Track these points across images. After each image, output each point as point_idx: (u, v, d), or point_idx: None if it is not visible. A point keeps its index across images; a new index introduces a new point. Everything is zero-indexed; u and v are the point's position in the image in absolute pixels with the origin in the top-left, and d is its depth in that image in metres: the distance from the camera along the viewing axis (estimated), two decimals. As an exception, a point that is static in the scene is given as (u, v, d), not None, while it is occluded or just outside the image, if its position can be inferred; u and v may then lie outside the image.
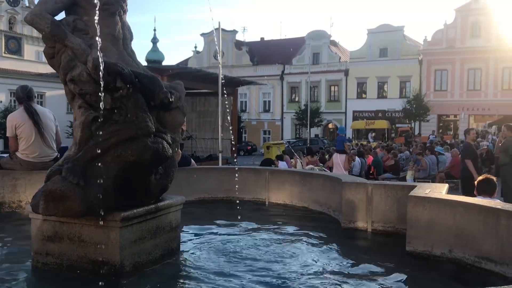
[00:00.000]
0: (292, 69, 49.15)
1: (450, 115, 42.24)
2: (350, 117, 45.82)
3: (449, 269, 4.22)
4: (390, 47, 43.18)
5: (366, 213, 5.46)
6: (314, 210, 6.65)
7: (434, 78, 41.59)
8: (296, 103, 47.08)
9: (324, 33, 48.20)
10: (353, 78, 45.75)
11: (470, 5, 39.88)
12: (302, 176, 7.10)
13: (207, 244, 5.00)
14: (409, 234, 4.58)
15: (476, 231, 4.10)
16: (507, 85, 38.99)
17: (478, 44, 39.11)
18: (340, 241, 5.35)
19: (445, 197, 4.50)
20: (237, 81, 28.65)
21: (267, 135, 51.29)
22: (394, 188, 5.33)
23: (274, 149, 27.82)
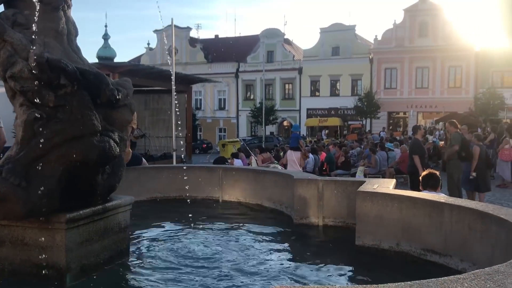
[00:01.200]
0: (247, 67, 49.21)
1: (399, 112, 43.55)
2: (304, 115, 46.37)
3: (396, 262, 4.34)
4: (342, 46, 44.00)
5: (317, 208, 5.54)
6: (267, 207, 6.69)
7: (384, 77, 42.76)
8: (251, 101, 47.19)
9: (278, 31, 48.51)
10: (306, 76, 46.31)
11: (418, 5, 41.22)
12: (255, 174, 7.13)
13: (158, 244, 4.93)
14: (358, 229, 4.68)
15: (421, 225, 4.24)
16: (452, 83, 40.63)
17: (425, 44, 40.51)
18: (292, 237, 5.42)
19: (392, 192, 4.63)
20: (191, 78, 28.36)
21: (223, 133, 51.14)
22: (344, 184, 5.44)
23: (230, 147, 27.75)
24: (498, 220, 3.41)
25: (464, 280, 2.05)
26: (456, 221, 3.89)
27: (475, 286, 1.99)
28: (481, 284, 2.01)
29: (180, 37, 50.25)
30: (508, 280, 2.06)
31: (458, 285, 1.99)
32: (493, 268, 2.23)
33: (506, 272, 2.18)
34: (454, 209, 3.92)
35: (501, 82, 38.07)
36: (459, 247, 3.88)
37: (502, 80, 38.24)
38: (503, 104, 34.64)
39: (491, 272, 2.16)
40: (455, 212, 3.90)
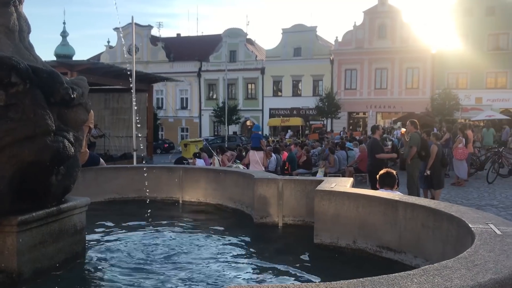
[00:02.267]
0: (209, 66, 49.00)
1: (359, 113, 44.44)
2: (267, 115, 46.63)
3: (353, 259, 4.43)
4: (304, 47, 44.49)
5: (277, 208, 5.58)
6: (228, 207, 6.68)
7: (344, 77, 43.52)
8: (214, 101, 47.05)
9: (241, 31, 48.57)
10: (269, 77, 46.57)
11: (377, 7, 42.17)
12: (216, 174, 7.10)
13: (115, 245, 4.84)
14: (317, 227, 4.74)
15: (377, 222, 4.34)
16: (410, 84, 41.78)
17: (384, 45, 41.49)
18: (252, 236, 5.43)
19: (349, 190, 4.71)
20: (152, 77, 27.98)
21: (185, 133, 50.74)
22: (303, 183, 5.50)
23: (192, 147, 27.57)
24: (449, 217, 3.53)
25: (414, 276, 2.11)
26: (410, 218, 4.00)
27: (424, 281, 2.05)
28: (429, 279, 2.08)
29: (141, 35, 49.51)
30: (455, 274, 2.14)
31: (408, 281, 2.05)
32: (441, 264, 2.31)
33: (454, 267, 2.26)
34: (408, 207, 4.03)
35: (456, 83, 39.45)
36: (412, 243, 3.99)
37: (457, 82, 39.63)
38: (458, 105, 35.92)
39: (439, 268, 2.24)
40: (409, 209, 4.01)
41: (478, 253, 2.50)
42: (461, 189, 13.50)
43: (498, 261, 2.35)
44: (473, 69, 38.28)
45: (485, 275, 2.14)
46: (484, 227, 3.06)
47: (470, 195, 12.44)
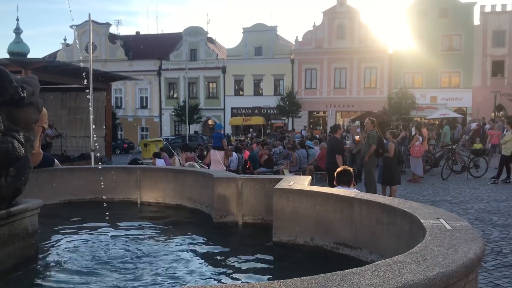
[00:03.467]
0: (170, 64, 48.46)
1: (319, 112, 45.03)
2: (228, 114, 46.56)
3: (311, 256, 4.48)
4: (265, 46, 44.69)
5: (236, 207, 5.58)
6: (187, 207, 6.62)
7: (304, 77, 44.00)
8: (175, 100, 46.57)
9: (201, 29, 48.28)
10: (230, 76, 46.52)
11: (335, 8, 42.84)
12: (175, 174, 7.03)
13: (69, 248, 4.71)
14: (275, 225, 4.77)
15: (334, 219, 4.40)
16: (368, 84, 42.68)
17: (343, 45, 42.20)
18: (211, 236, 5.40)
19: (307, 188, 4.76)
20: (111, 76, 27.37)
21: (145, 132, 50.00)
22: (262, 182, 5.51)
23: (152, 147, 27.15)
24: (402, 213, 3.61)
25: (366, 272, 2.15)
26: (365, 215, 4.08)
27: (375, 277, 2.09)
28: (381, 274, 2.13)
29: (99, 33, 48.47)
30: (405, 269, 2.20)
31: (360, 277, 2.09)
32: (393, 259, 2.36)
33: (405, 262, 2.32)
34: (363, 203, 4.10)
35: (412, 82, 40.60)
36: (368, 239, 4.07)
37: (413, 81, 40.79)
38: (414, 104, 37.00)
39: (391, 263, 2.29)
40: (364, 206, 4.08)
41: (428, 247, 2.58)
42: (417, 186, 13.89)
43: (447, 255, 2.42)
44: (428, 69, 39.50)
45: (434, 269, 2.21)
46: (435, 222, 3.15)
47: (425, 191, 12.82)
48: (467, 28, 39.13)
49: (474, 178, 14.83)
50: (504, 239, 7.41)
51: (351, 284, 2.00)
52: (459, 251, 2.50)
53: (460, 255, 2.43)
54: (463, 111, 39.21)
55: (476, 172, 15.29)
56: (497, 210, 9.70)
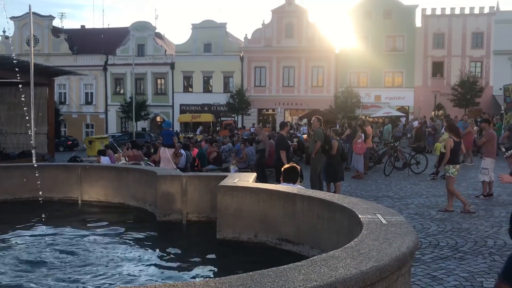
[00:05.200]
0: (116, 60, 47.18)
1: (269, 109, 45.30)
2: (177, 110, 45.95)
3: (254, 253, 4.49)
4: (214, 43, 44.43)
5: (181, 204, 5.52)
6: (130, 205, 6.48)
7: (254, 74, 44.13)
8: (121, 95, 45.40)
9: (149, 24, 47.33)
10: (179, 72, 45.90)
11: (284, 7, 43.22)
12: (117, 172, 6.87)
13: (4, 248, 4.49)
14: (219, 223, 4.75)
15: (277, 216, 4.44)
16: (315, 82, 43.40)
17: (291, 44, 42.67)
18: (155, 235, 5.33)
19: (251, 185, 4.77)
20: (54, 70, 26.33)
21: (90, 129, 48.45)
22: (207, 179, 5.48)
23: (97, 144, 26.41)
24: (342, 208, 3.69)
25: (301, 267, 2.18)
26: (307, 211, 4.14)
27: (311, 272, 2.12)
28: (316, 269, 2.15)
29: (41, 26, 46.51)
30: (340, 264, 2.24)
31: (296, 272, 2.11)
32: (329, 254, 2.40)
33: (340, 256, 2.36)
34: (305, 199, 4.16)
35: (358, 82, 41.67)
36: (309, 235, 4.13)
37: (358, 80, 41.87)
38: (359, 102, 38.01)
39: (326, 258, 2.33)
40: (306, 202, 4.14)
41: (364, 242, 2.64)
42: (360, 182, 14.26)
43: (381, 249, 2.49)
44: (372, 68, 40.68)
45: (368, 263, 2.26)
46: (372, 217, 3.24)
47: (368, 187, 13.18)
48: (410, 30, 40.60)
49: (415, 174, 15.39)
50: (441, 233, 7.73)
51: (286, 280, 2.01)
52: (393, 245, 2.57)
53: (393, 249, 2.50)
54: (406, 110, 40.67)
55: (416, 168, 15.88)
56: (435, 205, 10.11)
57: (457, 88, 36.67)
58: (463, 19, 40.37)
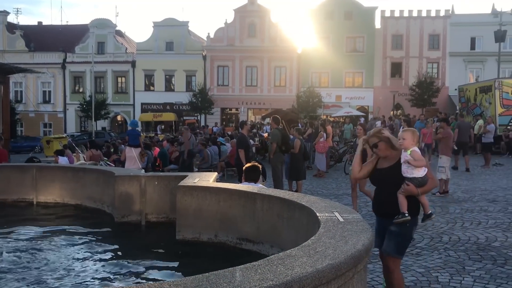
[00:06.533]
0: (75, 57, 46.00)
1: (232, 108, 45.27)
2: (138, 109, 45.25)
3: (214, 253, 4.47)
4: (176, 41, 44.00)
5: (140, 205, 5.43)
6: (88, 207, 6.33)
7: (217, 74, 44.00)
8: (81, 94, 44.32)
9: (109, 22, 46.38)
10: (140, 70, 45.21)
11: (246, 6, 43.27)
12: (74, 172, 6.68)
13: None
14: (179, 223, 4.70)
15: (237, 215, 4.43)
16: (278, 82, 43.69)
17: (254, 44, 42.78)
18: (112, 236, 5.22)
19: (211, 185, 4.74)
20: (8, 68, 25.40)
21: (48, 129, 47.06)
22: (167, 179, 5.41)
23: (55, 144, 25.72)
24: (300, 207, 3.71)
25: (258, 267, 2.17)
26: (267, 209, 4.14)
27: (267, 271, 2.11)
28: (273, 269, 2.15)
29: (-6, 21, 44.83)
30: (296, 262, 2.24)
31: (252, 272, 2.10)
32: (286, 253, 2.40)
33: (297, 255, 2.37)
34: (265, 198, 4.16)
35: (319, 82, 42.20)
36: (269, 234, 4.14)
37: (319, 80, 42.41)
38: (320, 102, 38.54)
39: (283, 257, 2.33)
40: (266, 201, 4.15)
41: (320, 240, 2.66)
42: (322, 180, 14.45)
43: (337, 247, 2.51)
44: (333, 69, 41.31)
45: (324, 261, 2.28)
46: (329, 215, 3.27)
47: (329, 185, 13.37)
48: (369, 31, 41.45)
49: (374, 172, 15.77)
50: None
51: (242, 280, 2.00)
52: (348, 243, 2.60)
53: (349, 247, 2.53)
54: (365, 110, 41.51)
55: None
56: (393, 202, 10.38)
57: (415, 89, 37.69)
58: (420, 21, 41.54)
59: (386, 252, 4.11)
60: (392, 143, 4.01)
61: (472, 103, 23.89)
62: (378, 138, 4.01)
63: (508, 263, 5.84)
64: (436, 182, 4.19)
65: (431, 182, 4.06)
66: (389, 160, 4.06)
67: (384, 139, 4.00)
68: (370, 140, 4.06)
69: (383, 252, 4.16)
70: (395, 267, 4.13)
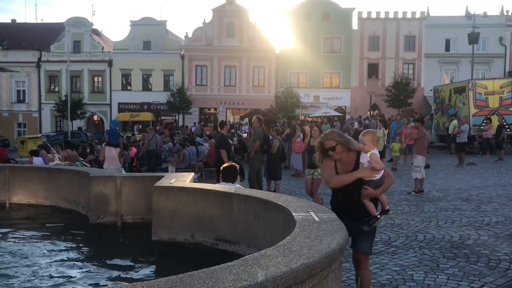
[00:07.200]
0: (50, 56, 45.17)
1: (210, 108, 45.09)
2: (115, 109, 44.70)
3: (191, 254, 4.44)
4: (154, 41, 43.61)
5: (115, 206, 5.36)
6: (62, 208, 6.23)
7: (195, 73, 43.77)
8: (56, 93, 43.56)
9: (86, 20, 45.70)
10: (117, 70, 44.66)
11: (225, 6, 43.15)
12: (49, 173, 6.57)
13: None
14: (155, 224, 4.66)
15: (214, 216, 4.41)
16: (257, 82, 43.71)
17: (232, 44, 42.70)
18: (88, 238, 5.15)
19: (187, 185, 4.71)
20: (-20, 66, 24.93)
21: (23, 128, 46.11)
22: (143, 180, 5.36)
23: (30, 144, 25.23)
24: (277, 206, 3.72)
25: (232, 267, 2.16)
26: (244, 209, 4.14)
27: (241, 271, 2.11)
28: (247, 269, 2.15)
29: (-34, 18, 43.71)
30: (271, 262, 2.25)
31: (227, 273, 2.10)
32: (261, 253, 2.41)
33: (272, 255, 2.37)
34: (241, 198, 4.16)
35: (297, 82, 42.39)
36: (246, 234, 4.14)
37: (298, 81, 42.60)
38: (299, 102, 38.73)
39: (258, 257, 2.33)
40: (243, 201, 4.14)
41: (296, 240, 2.67)
42: (299, 180, 14.49)
43: (312, 247, 2.52)
44: (311, 69, 41.55)
45: (298, 260, 2.29)
46: (305, 215, 3.29)
47: (307, 186, 13.44)
48: (347, 32, 41.81)
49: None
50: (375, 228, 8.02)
51: (216, 281, 1.99)
52: (323, 242, 2.62)
53: (324, 246, 2.54)
54: (343, 110, 41.87)
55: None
56: (370, 202, 10.50)
57: (391, 89, 38.19)
58: (396, 23, 42.10)
59: (362, 251, 4.17)
60: (349, 146, 4.00)
61: (446, 104, 24.33)
62: (335, 141, 3.97)
63: (481, 260, 5.97)
64: (392, 179, 4.21)
65: (388, 180, 4.10)
66: (346, 164, 4.03)
67: (341, 142, 3.99)
68: (327, 143, 3.99)
69: (358, 251, 4.21)
70: (367, 264, 4.24)
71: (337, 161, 4.04)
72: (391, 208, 9.50)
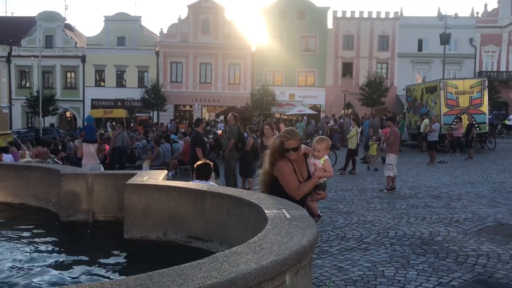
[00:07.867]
0: (21, 51, 44.18)
1: (186, 105, 44.88)
2: (88, 105, 44.03)
3: (163, 252, 4.42)
4: (128, 36, 43.13)
5: (86, 204, 5.29)
6: (32, 206, 6.10)
7: (170, 70, 43.50)
8: (27, 89, 42.64)
9: (58, 15, 44.86)
10: (90, 65, 44.00)
11: (200, 3, 42.97)
12: (18, 170, 6.43)
13: None
14: (127, 222, 4.62)
15: (187, 213, 4.40)
16: (232, 80, 43.70)
17: (208, 41, 42.58)
18: (58, 236, 5.06)
19: (160, 183, 4.68)
20: None
21: (-8, 125, 45.10)
22: (115, 178, 5.31)
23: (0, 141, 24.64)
24: (250, 204, 3.73)
25: (202, 265, 2.16)
26: (217, 207, 4.14)
27: (211, 269, 2.11)
28: (217, 266, 2.15)
29: None
30: (241, 259, 2.26)
31: (196, 270, 2.09)
32: (231, 250, 2.41)
33: (242, 252, 2.38)
34: (214, 196, 4.16)
35: (273, 80, 42.55)
36: (219, 231, 4.14)
37: (273, 79, 42.75)
38: (274, 100, 38.87)
39: (229, 254, 2.33)
40: (216, 199, 4.14)
41: (267, 237, 2.68)
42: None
43: (282, 243, 2.54)
44: (287, 67, 41.76)
45: (269, 257, 2.30)
46: (277, 212, 3.30)
47: (282, 183, 13.53)
48: (322, 31, 42.16)
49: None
50: (348, 225, 8.12)
51: (186, 278, 1.99)
52: (294, 239, 2.64)
53: (294, 243, 2.57)
54: (318, 108, 42.23)
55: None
56: (343, 199, 10.60)
57: (365, 88, 38.69)
58: (370, 22, 42.65)
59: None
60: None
61: (418, 103, 24.77)
62: (300, 142, 3.91)
63: (450, 256, 6.12)
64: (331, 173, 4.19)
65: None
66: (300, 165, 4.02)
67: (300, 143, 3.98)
68: (289, 143, 3.84)
69: None
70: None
71: (293, 162, 3.91)
72: (364, 206, 9.67)
